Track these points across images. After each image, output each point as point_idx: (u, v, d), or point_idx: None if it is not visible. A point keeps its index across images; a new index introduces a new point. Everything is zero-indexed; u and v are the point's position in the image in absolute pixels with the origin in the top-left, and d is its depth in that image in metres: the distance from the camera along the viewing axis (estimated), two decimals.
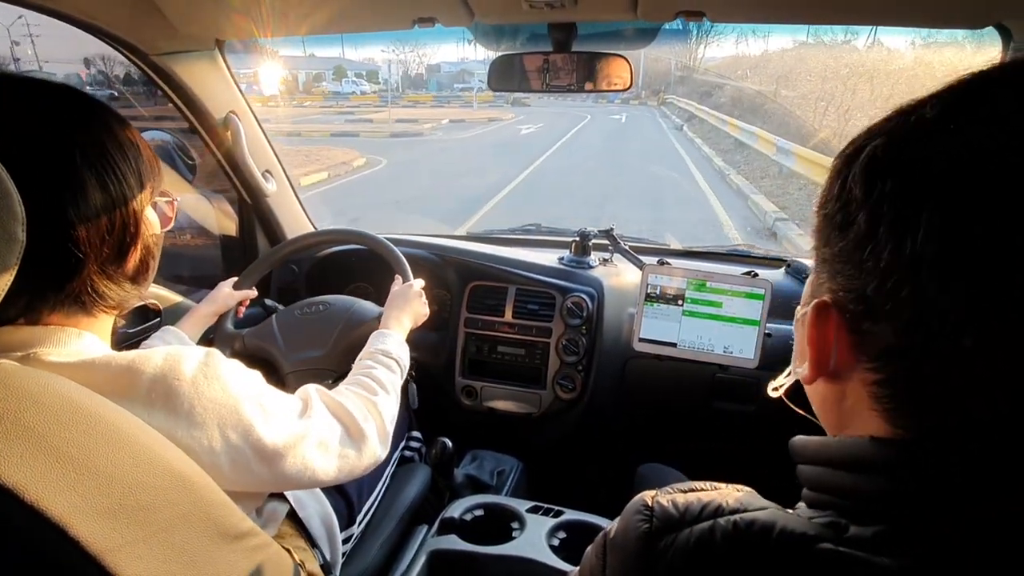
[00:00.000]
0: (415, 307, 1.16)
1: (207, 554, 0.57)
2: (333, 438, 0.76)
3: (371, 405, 0.85)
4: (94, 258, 0.60)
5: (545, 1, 0.97)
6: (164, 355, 0.62)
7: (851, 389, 0.39)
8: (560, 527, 1.12)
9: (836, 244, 0.37)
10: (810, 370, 0.41)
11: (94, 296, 0.61)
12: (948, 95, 0.34)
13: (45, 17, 1.06)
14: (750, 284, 1.30)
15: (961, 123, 0.33)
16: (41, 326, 0.59)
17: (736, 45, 37.71)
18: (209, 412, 0.63)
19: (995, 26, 0.98)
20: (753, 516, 0.37)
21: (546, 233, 1.91)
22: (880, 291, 0.34)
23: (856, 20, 1.12)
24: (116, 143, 0.62)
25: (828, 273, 0.39)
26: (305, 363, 1.19)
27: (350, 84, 38.19)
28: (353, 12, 1.15)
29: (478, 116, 23.47)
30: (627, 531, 0.41)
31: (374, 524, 1.16)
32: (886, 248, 0.33)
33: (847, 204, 0.36)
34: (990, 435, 0.32)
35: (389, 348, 1.00)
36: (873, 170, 0.35)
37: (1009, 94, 0.33)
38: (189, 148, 1.45)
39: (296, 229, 1.70)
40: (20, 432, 0.46)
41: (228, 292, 1.26)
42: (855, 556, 0.33)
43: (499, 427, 1.60)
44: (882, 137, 0.36)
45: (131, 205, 0.63)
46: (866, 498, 0.36)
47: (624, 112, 27.62)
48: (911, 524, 0.33)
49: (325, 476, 0.75)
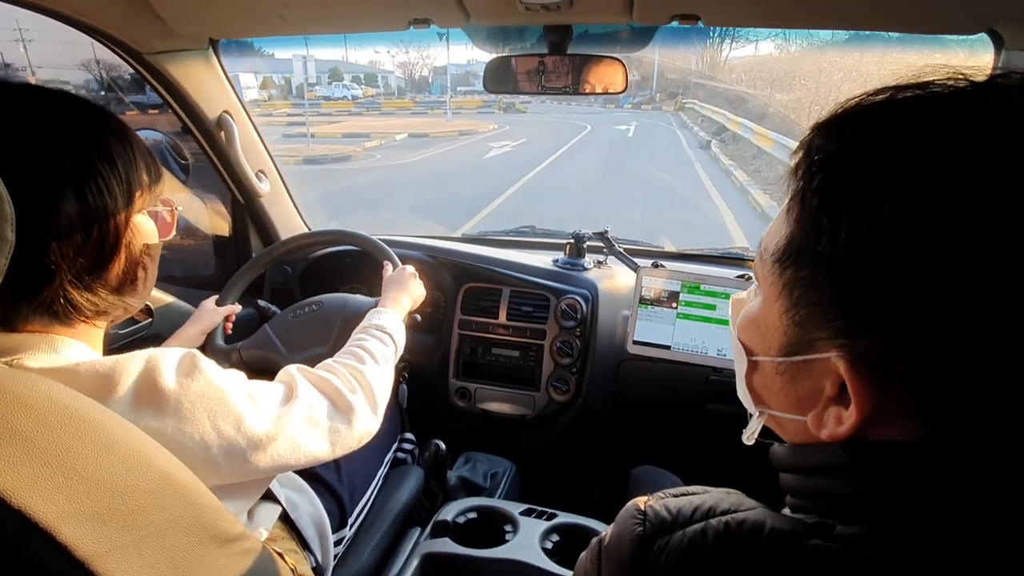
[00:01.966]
0: (411, 288, 1.16)
1: (197, 558, 0.56)
2: (321, 414, 0.76)
3: (359, 375, 0.84)
4: (67, 268, 0.59)
5: (540, 3, 0.97)
6: (146, 357, 0.62)
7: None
8: (554, 530, 1.12)
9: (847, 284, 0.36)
10: (789, 427, 0.42)
11: (67, 306, 0.60)
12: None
13: (38, 22, 1.05)
14: (743, 287, 1.31)
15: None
16: (24, 333, 0.59)
17: (777, 44, 30.84)
18: (197, 406, 0.62)
19: (987, 32, 0.98)
20: (744, 516, 0.38)
21: (541, 235, 1.91)
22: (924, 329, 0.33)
23: (848, 25, 1.12)
24: (103, 151, 0.61)
25: (830, 323, 0.37)
26: (311, 361, 1.17)
27: (341, 88, 35.90)
28: (348, 13, 1.15)
29: (447, 129, 18.92)
30: (621, 536, 0.42)
31: (366, 526, 1.15)
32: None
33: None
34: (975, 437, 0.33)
35: (382, 322, 1.00)
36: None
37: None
38: (182, 147, 1.44)
39: (290, 229, 1.69)
40: (7, 436, 0.45)
41: (212, 309, 1.24)
42: (843, 552, 0.34)
43: (493, 429, 1.60)
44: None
45: (112, 216, 0.61)
46: (845, 501, 0.37)
47: (633, 121, 22.37)
48: (893, 523, 0.34)
49: (320, 453, 0.74)
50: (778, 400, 0.43)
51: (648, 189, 9.73)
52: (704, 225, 7.54)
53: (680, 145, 15.34)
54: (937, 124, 0.33)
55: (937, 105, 0.34)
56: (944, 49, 2.02)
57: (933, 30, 1.01)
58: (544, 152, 13.45)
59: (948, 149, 0.32)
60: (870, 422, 0.35)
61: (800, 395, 0.40)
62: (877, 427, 0.36)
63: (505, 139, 16.24)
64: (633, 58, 26.21)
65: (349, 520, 1.09)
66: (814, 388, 0.38)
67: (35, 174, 0.56)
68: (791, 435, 0.44)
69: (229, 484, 0.68)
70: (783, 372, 0.41)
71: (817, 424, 0.38)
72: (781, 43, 28.64)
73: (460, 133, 18.49)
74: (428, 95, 40.24)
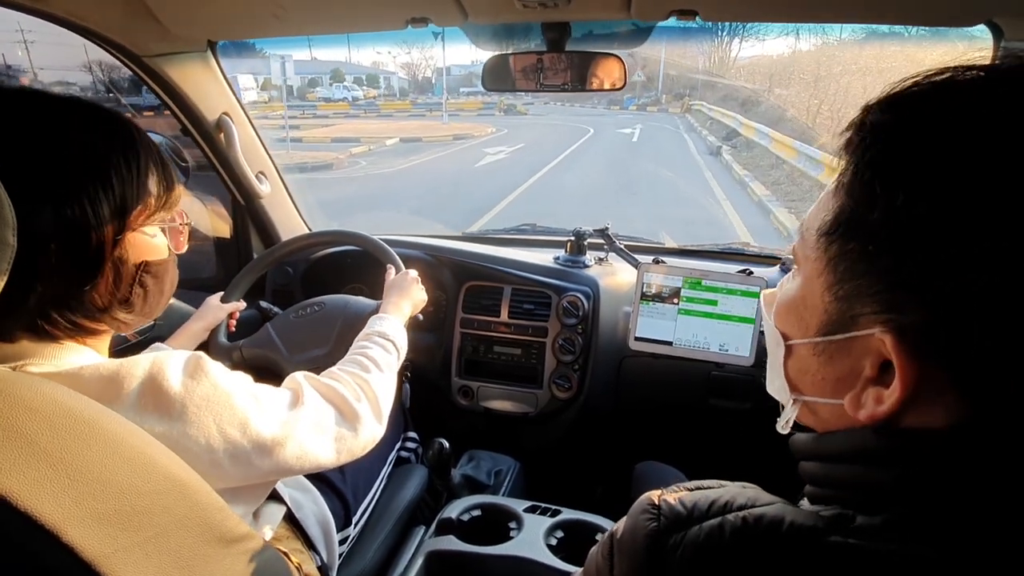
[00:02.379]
0: (413, 293, 1.16)
1: (203, 558, 0.56)
2: (327, 420, 0.76)
3: (364, 383, 0.84)
4: (44, 287, 0.56)
5: (538, 1, 0.97)
6: (150, 360, 0.62)
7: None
8: (558, 526, 1.12)
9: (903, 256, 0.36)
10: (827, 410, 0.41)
11: (45, 325, 0.58)
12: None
13: (39, 24, 1.05)
14: (745, 282, 1.31)
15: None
16: (24, 341, 0.58)
17: (792, 40, 28.31)
18: (203, 409, 0.62)
19: (986, 23, 0.98)
20: (762, 511, 0.38)
21: (541, 232, 1.90)
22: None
23: (847, 18, 1.12)
24: (97, 167, 0.58)
25: (879, 294, 0.36)
26: (311, 362, 1.17)
27: (341, 89, 34.17)
28: (346, 12, 1.15)
29: (441, 133, 17.97)
30: (635, 530, 0.41)
31: (371, 525, 1.15)
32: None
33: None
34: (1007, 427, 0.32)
35: (385, 329, 1.00)
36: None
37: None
38: (182, 150, 1.44)
39: (290, 230, 1.69)
40: (13, 438, 0.45)
41: (216, 305, 1.24)
42: (864, 546, 0.34)
43: (496, 427, 1.60)
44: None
45: (93, 233, 0.58)
46: (873, 489, 0.36)
47: (638, 124, 20.87)
48: (921, 511, 0.34)
49: (326, 459, 0.74)
50: (814, 384, 0.42)
51: (654, 192, 9.24)
52: (707, 221, 7.33)
53: (688, 150, 14.12)
54: (1002, 102, 0.33)
55: (1001, 83, 0.33)
56: (943, 41, 2.02)
57: (932, 22, 1.01)
58: (541, 159, 12.39)
59: (1013, 126, 0.32)
60: (906, 406, 0.35)
61: (838, 376, 0.40)
62: (911, 414, 0.35)
63: (501, 144, 15.02)
64: (638, 57, 25.29)
65: (353, 519, 1.09)
66: (853, 367, 0.38)
67: (17, 184, 0.51)
68: (825, 420, 0.43)
69: (235, 487, 0.68)
70: (821, 353, 0.41)
71: (855, 405, 0.38)
72: (792, 40, 27.34)
73: (455, 137, 17.43)
74: (431, 96, 39.33)
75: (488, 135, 18.00)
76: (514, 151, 13.89)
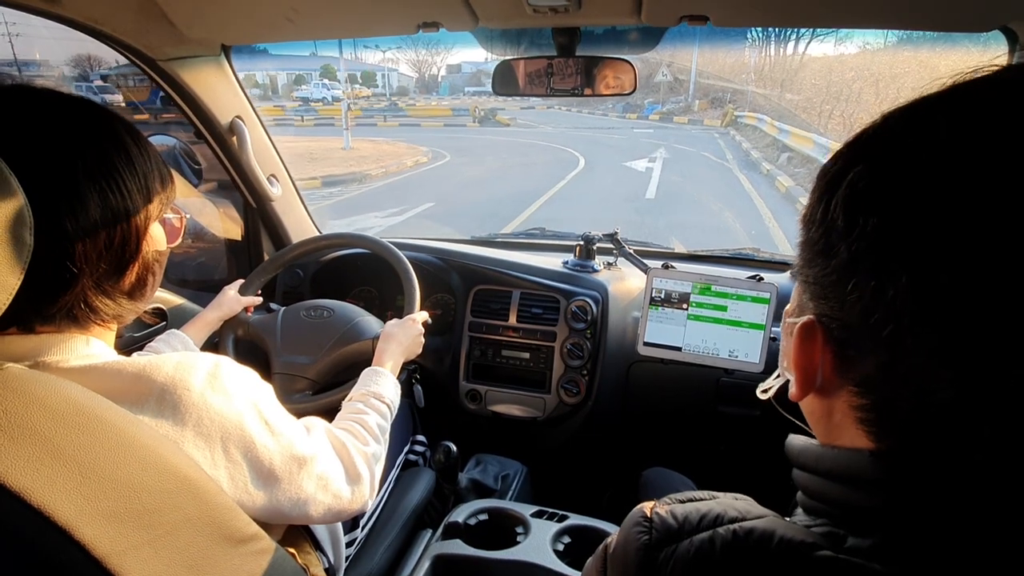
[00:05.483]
0: (412, 343, 1.16)
1: (212, 558, 0.56)
2: (333, 475, 0.76)
3: (366, 456, 0.84)
4: (90, 273, 0.59)
5: (548, 5, 0.97)
6: (175, 364, 0.62)
7: (838, 407, 0.38)
8: (565, 532, 1.11)
9: (820, 269, 0.37)
10: (797, 388, 0.40)
11: (87, 311, 0.61)
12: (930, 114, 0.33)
13: (26, 18, 1.06)
14: (755, 288, 1.30)
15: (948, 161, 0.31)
16: (42, 335, 0.59)
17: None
18: (215, 424, 0.62)
19: (1000, 29, 0.97)
20: (752, 524, 0.37)
21: (550, 237, 1.91)
22: (863, 326, 0.34)
23: (860, 23, 1.12)
24: (125, 157, 0.62)
25: (811, 295, 0.38)
26: (290, 368, 1.20)
27: (320, 88, 28.53)
28: (358, 17, 1.16)
29: (323, 171, 10.74)
30: (627, 543, 0.41)
31: (378, 528, 1.15)
32: (868, 288, 0.33)
33: (829, 232, 0.35)
34: (971, 455, 0.32)
35: (382, 392, 0.99)
36: (854, 204, 0.34)
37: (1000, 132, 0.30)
38: (195, 153, 1.46)
39: (301, 233, 1.70)
40: (26, 435, 0.46)
41: (233, 296, 1.27)
42: (853, 563, 0.33)
43: (503, 431, 1.60)
44: (864, 164, 0.34)
45: (133, 221, 0.62)
46: (863, 512, 0.36)
47: (660, 145, 13.81)
48: (906, 536, 0.33)
49: (315, 513, 0.74)
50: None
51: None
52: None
53: (757, 210, 7.77)
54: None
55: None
56: (956, 47, 2.01)
57: (946, 28, 1.00)
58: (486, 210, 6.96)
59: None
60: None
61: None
62: (883, 440, 0.36)
63: (405, 202, 8.41)
64: (663, 51, 19.72)
65: (361, 521, 1.09)
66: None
67: (59, 176, 0.56)
68: (804, 410, 0.44)
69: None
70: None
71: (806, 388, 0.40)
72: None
73: (343, 176, 10.62)
74: (435, 95, 38.28)
75: (408, 167, 11.92)
76: (407, 218, 7.56)
